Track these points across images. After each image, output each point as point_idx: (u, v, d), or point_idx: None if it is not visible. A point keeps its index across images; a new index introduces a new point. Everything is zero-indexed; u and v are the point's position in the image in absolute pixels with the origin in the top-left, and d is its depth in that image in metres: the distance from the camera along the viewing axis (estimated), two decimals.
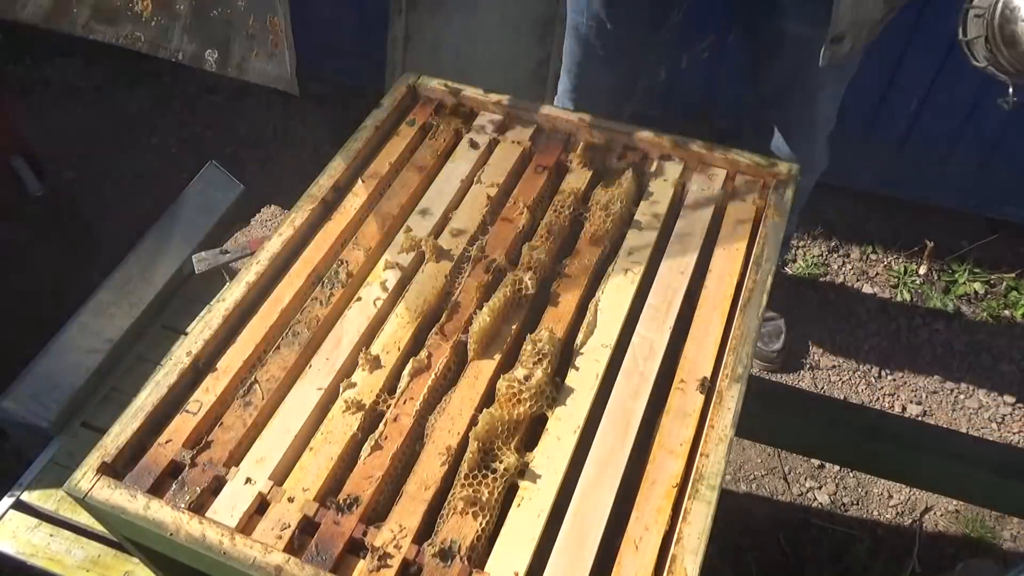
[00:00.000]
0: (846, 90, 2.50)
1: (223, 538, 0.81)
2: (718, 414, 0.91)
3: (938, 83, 2.39)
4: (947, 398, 2.35)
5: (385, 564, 0.81)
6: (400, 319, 1.02)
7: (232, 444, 0.90)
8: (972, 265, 2.59)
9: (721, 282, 1.05)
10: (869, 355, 2.44)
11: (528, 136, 1.24)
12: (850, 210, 2.78)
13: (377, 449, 0.90)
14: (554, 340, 0.98)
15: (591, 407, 0.93)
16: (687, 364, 0.96)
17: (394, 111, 1.28)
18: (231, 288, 1.04)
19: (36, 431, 1.38)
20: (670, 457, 0.88)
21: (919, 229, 2.72)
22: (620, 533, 0.83)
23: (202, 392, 0.95)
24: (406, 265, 1.08)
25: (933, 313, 2.52)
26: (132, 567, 1.20)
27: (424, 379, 0.96)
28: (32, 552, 1.22)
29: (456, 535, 0.83)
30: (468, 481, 0.86)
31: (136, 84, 3.23)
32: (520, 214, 1.13)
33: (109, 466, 0.88)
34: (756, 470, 2.22)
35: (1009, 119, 2.39)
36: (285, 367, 0.97)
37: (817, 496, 2.17)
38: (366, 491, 0.86)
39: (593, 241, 1.10)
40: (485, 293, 1.04)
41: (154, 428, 0.92)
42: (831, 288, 2.61)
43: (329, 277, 1.07)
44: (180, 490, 0.86)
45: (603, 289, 1.05)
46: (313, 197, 1.15)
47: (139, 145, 3.04)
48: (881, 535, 2.09)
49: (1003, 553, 2.06)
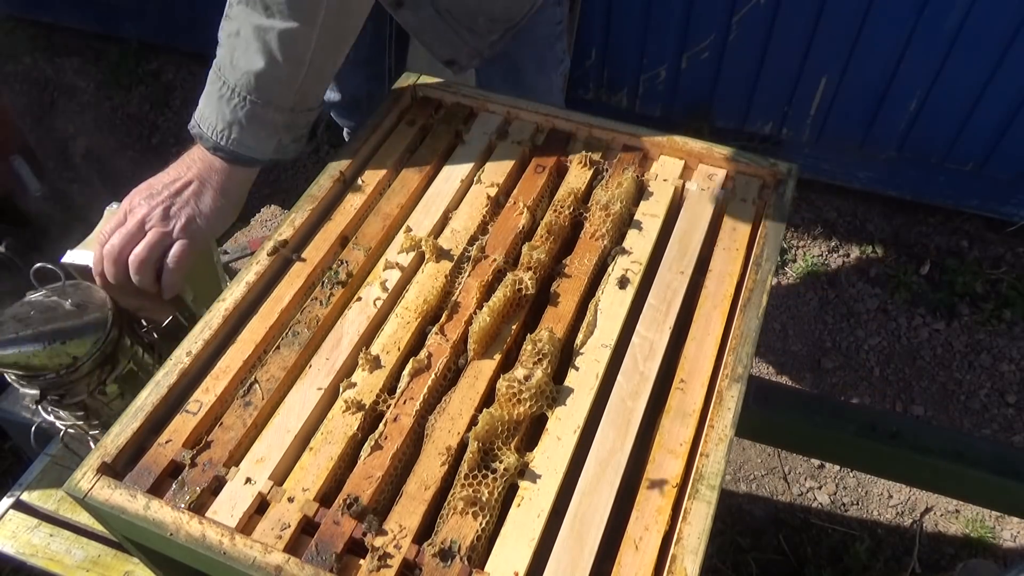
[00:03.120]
0: (848, 89, 2.51)
1: (223, 538, 0.81)
2: (718, 414, 0.91)
3: (938, 83, 2.39)
4: (947, 398, 2.35)
5: (385, 564, 0.81)
6: (400, 319, 1.02)
7: (232, 444, 0.90)
8: (972, 265, 2.59)
9: (721, 282, 1.05)
10: (869, 355, 2.45)
11: (528, 136, 1.24)
12: (850, 210, 2.78)
13: (377, 449, 0.90)
14: (554, 340, 0.98)
15: (591, 407, 0.93)
16: (687, 364, 0.96)
17: (394, 111, 1.28)
18: (231, 288, 1.04)
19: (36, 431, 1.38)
20: (670, 457, 0.88)
21: (919, 229, 2.72)
22: (620, 533, 0.83)
23: (202, 392, 0.95)
24: (406, 265, 1.08)
25: (933, 313, 2.52)
26: (132, 567, 1.20)
27: (424, 379, 0.96)
28: (32, 552, 1.21)
29: (456, 535, 0.83)
30: (468, 481, 0.86)
31: (136, 84, 3.23)
32: (520, 214, 1.13)
33: (109, 466, 0.88)
34: (756, 470, 2.22)
35: (1008, 120, 2.40)
36: (285, 367, 0.97)
37: (817, 496, 2.17)
38: (366, 491, 0.86)
39: (593, 241, 1.10)
40: (485, 293, 1.04)
41: (154, 428, 0.92)
42: (831, 288, 2.61)
43: (329, 277, 1.07)
44: (180, 490, 0.87)
45: (603, 289, 1.05)
46: (313, 197, 1.15)
47: (139, 145, 3.04)
48: (881, 535, 2.09)
49: (1003, 553, 2.06)
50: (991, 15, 2.17)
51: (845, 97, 2.53)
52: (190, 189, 1.08)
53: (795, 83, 2.55)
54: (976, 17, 2.19)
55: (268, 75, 1.03)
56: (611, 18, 2.60)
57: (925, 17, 2.24)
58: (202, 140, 1.08)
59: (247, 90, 1.04)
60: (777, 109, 2.65)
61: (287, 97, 1.06)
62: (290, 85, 1.06)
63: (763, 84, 2.59)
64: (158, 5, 3.14)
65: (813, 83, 2.53)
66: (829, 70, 2.48)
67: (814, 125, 2.65)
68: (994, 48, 2.24)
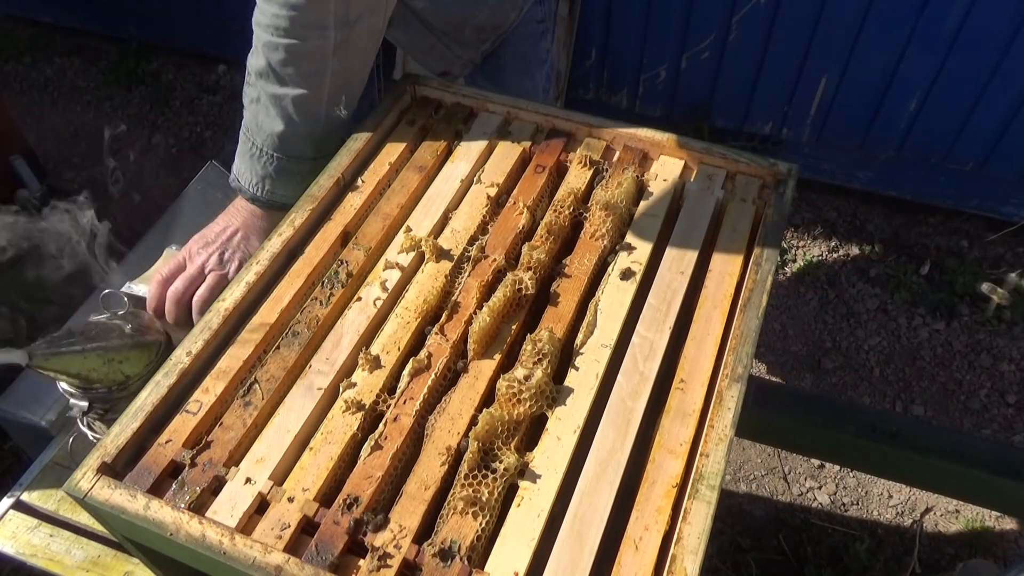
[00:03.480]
0: (848, 89, 2.51)
1: (223, 538, 0.81)
2: (718, 414, 0.91)
3: (937, 83, 2.39)
4: (947, 398, 2.36)
5: (385, 564, 0.81)
6: (400, 319, 1.02)
7: (232, 444, 0.90)
8: (972, 265, 2.59)
9: (721, 282, 1.05)
10: (869, 355, 2.45)
11: (528, 136, 1.24)
12: (850, 210, 2.79)
13: (377, 449, 0.90)
14: (554, 340, 0.98)
15: (591, 407, 0.93)
16: (687, 364, 0.96)
17: (393, 111, 1.28)
18: (231, 288, 1.04)
19: (36, 431, 1.38)
20: (670, 457, 0.88)
21: (919, 229, 2.72)
22: (620, 533, 0.83)
23: (202, 392, 0.95)
24: (406, 265, 1.08)
25: (933, 313, 2.52)
26: (132, 567, 1.20)
27: (424, 379, 0.96)
28: (32, 552, 1.21)
29: (456, 535, 0.83)
30: (468, 481, 0.86)
31: (136, 84, 3.23)
32: (520, 214, 1.13)
33: (109, 466, 0.88)
34: (756, 470, 2.22)
35: (1008, 120, 2.40)
36: (285, 367, 0.97)
37: (817, 496, 2.17)
38: (366, 491, 0.86)
39: (593, 241, 1.10)
40: (485, 293, 1.04)
41: (154, 428, 0.92)
42: (831, 288, 2.61)
43: (329, 277, 1.07)
44: (180, 490, 0.86)
45: (603, 289, 1.05)
46: (313, 197, 1.15)
47: (139, 145, 3.04)
48: (881, 535, 2.09)
49: (1003, 553, 2.06)
50: (991, 15, 2.18)
51: (845, 97, 2.53)
52: (239, 235, 1.25)
53: (795, 83, 2.55)
54: (976, 17, 2.19)
55: (289, 134, 1.18)
56: (611, 18, 2.60)
57: (925, 17, 2.24)
58: (242, 193, 1.24)
59: (273, 148, 1.19)
60: (777, 109, 2.65)
61: (308, 149, 1.21)
62: (309, 139, 1.20)
63: (763, 84, 2.59)
64: (158, 5, 3.14)
65: (813, 83, 2.53)
66: (829, 70, 2.48)
67: (814, 125, 2.65)
68: (994, 48, 2.24)
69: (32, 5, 3.44)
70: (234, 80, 3.09)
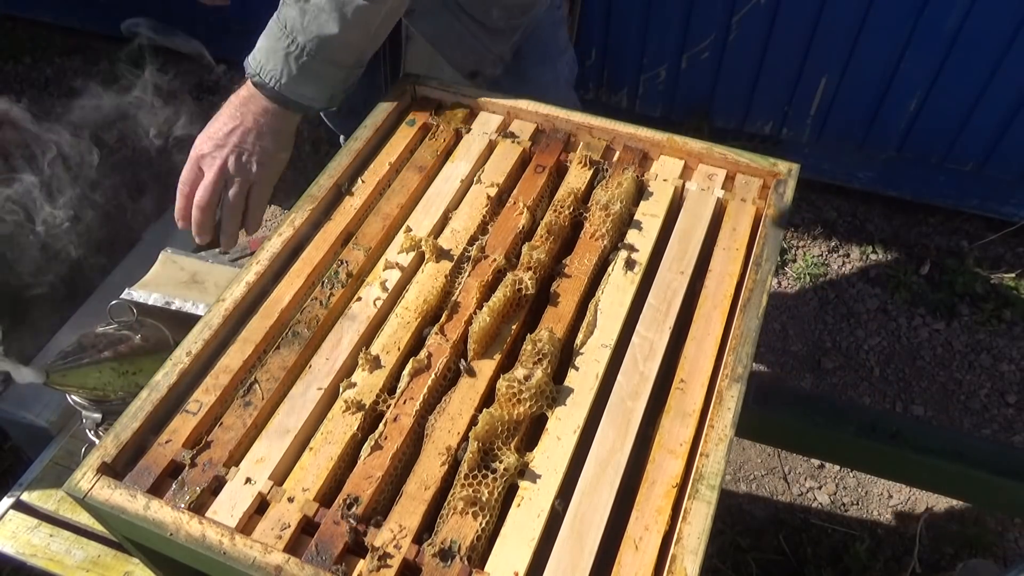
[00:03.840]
0: (848, 89, 2.51)
1: (223, 538, 0.81)
2: (718, 414, 0.91)
3: (937, 83, 2.39)
4: (947, 398, 2.35)
5: (385, 564, 0.81)
6: (400, 319, 1.02)
7: (232, 444, 0.90)
8: (972, 265, 2.60)
9: (721, 282, 1.05)
10: (869, 355, 2.45)
11: (528, 136, 1.24)
12: (850, 210, 2.79)
13: (377, 449, 0.90)
14: (554, 340, 0.98)
15: (591, 407, 0.93)
16: (687, 364, 0.96)
17: (393, 111, 1.28)
18: (231, 288, 1.04)
19: (36, 431, 1.38)
20: (670, 457, 0.88)
21: (919, 229, 2.72)
22: (620, 533, 0.83)
23: (202, 392, 0.95)
24: (406, 265, 1.08)
25: (933, 313, 2.52)
26: (132, 567, 1.20)
27: (424, 379, 0.96)
28: (32, 552, 1.21)
29: (456, 535, 0.83)
30: (468, 481, 0.86)
31: (136, 84, 3.23)
32: (520, 214, 1.13)
33: (109, 466, 0.88)
34: (756, 470, 2.22)
35: (1008, 120, 2.40)
36: (285, 367, 0.97)
37: (817, 496, 2.17)
38: (366, 491, 0.86)
39: (593, 241, 1.10)
40: (485, 293, 1.04)
41: (154, 428, 0.92)
42: (831, 288, 2.61)
43: (329, 277, 1.07)
44: (180, 490, 0.86)
45: (603, 289, 1.05)
46: (313, 197, 1.15)
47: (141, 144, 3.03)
48: (881, 535, 2.09)
49: (1003, 553, 2.06)
50: (991, 15, 2.18)
51: (845, 97, 2.53)
52: (252, 135, 1.19)
53: (795, 83, 2.55)
54: (976, 17, 2.19)
55: (339, 40, 1.15)
56: (611, 18, 2.60)
57: (925, 17, 2.24)
58: (263, 88, 1.18)
59: (316, 49, 1.15)
60: (777, 109, 2.65)
61: (349, 58, 1.19)
62: (355, 49, 1.19)
63: (763, 84, 2.59)
64: (158, 5, 3.14)
65: (813, 83, 2.53)
66: (829, 70, 2.48)
67: (814, 125, 2.65)
68: (994, 48, 2.24)
69: (32, 5, 3.44)
70: (234, 80, 3.09)
